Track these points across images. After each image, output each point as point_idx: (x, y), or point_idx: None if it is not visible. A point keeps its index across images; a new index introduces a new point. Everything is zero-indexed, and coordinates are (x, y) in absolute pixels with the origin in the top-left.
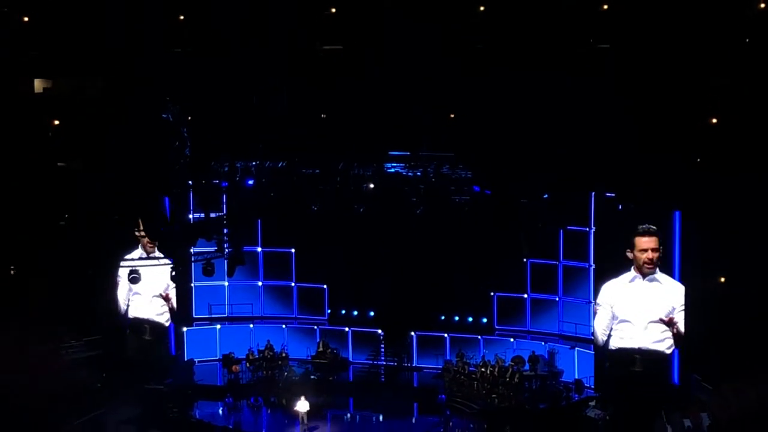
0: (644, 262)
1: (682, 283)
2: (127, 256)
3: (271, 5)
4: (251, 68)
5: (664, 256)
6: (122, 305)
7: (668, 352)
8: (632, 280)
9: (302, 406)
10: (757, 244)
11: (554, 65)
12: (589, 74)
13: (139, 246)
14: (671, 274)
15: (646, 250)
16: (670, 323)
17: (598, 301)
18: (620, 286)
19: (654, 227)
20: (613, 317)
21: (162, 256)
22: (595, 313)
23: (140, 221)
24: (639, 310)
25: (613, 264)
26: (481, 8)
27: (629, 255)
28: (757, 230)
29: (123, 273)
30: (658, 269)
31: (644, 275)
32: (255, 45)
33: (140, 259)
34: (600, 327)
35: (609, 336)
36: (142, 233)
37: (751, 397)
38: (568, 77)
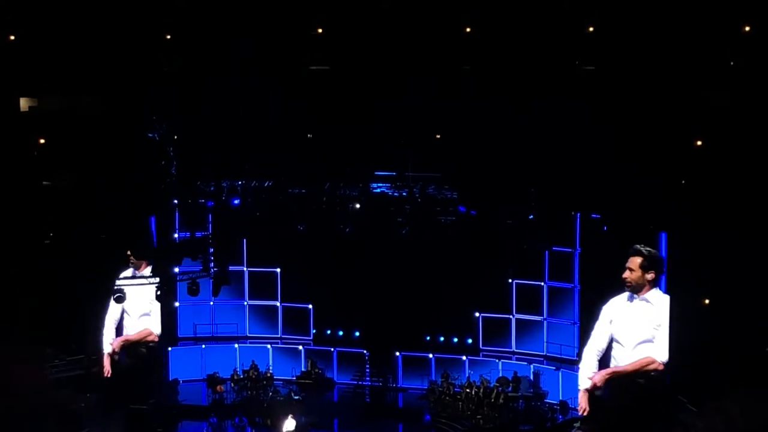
0: (622, 278)
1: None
2: (120, 275)
3: (257, 24)
4: (240, 86)
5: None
6: (108, 326)
7: (653, 374)
8: (629, 299)
9: (289, 424)
10: (744, 263)
11: (540, 87)
12: (575, 95)
13: (130, 265)
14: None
15: (626, 269)
16: None
17: (600, 317)
18: (620, 303)
19: (638, 247)
20: (609, 335)
21: (149, 275)
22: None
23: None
24: (628, 330)
25: (599, 285)
26: (468, 30)
27: None
28: (743, 249)
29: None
30: (654, 288)
31: (630, 293)
32: (244, 61)
33: (126, 278)
34: (587, 362)
35: (600, 359)
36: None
37: (736, 419)
38: (554, 98)
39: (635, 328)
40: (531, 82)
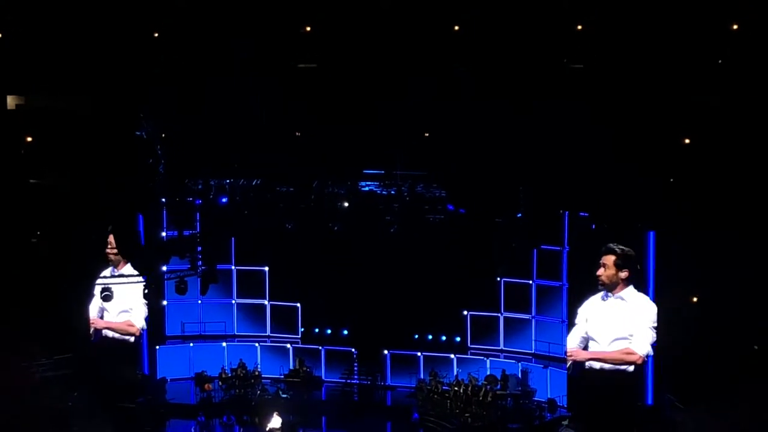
0: (596, 276)
1: (656, 301)
2: (101, 274)
3: (248, 21)
4: (228, 84)
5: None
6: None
7: (631, 370)
8: (603, 298)
9: (275, 422)
10: (732, 262)
11: (531, 85)
12: (566, 94)
13: (109, 263)
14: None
15: (599, 266)
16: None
17: (577, 317)
18: (595, 302)
19: (611, 245)
20: (585, 334)
21: (132, 272)
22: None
23: (109, 238)
24: (603, 329)
25: (587, 283)
26: (456, 28)
27: None
28: (732, 248)
29: (96, 291)
30: (628, 287)
31: (605, 292)
32: (233, 60)
33: (112, 276)
34: (571, 343)
35: None
36: (111, 249)
37: (725, 418)
38: (544, 97)
39: (610, 326)
40: (522, 80)
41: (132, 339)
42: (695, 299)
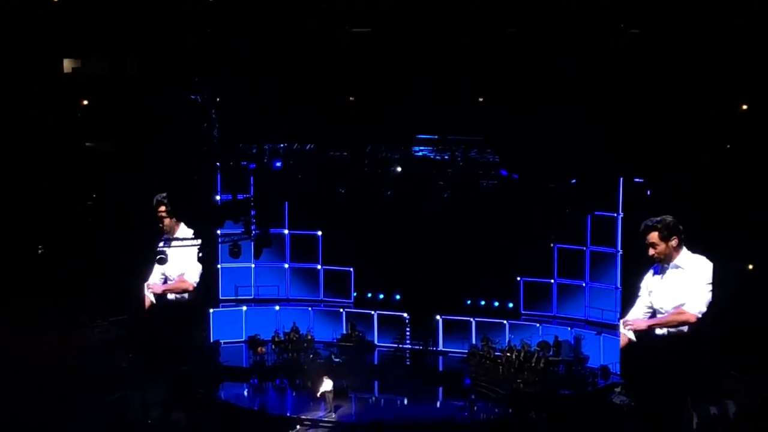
0: (650, 256)
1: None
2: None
3: None
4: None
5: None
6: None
7: (685, 330)
8: (662, 269)
9: (327, 386)
10: None
11: (582, 49)
12: (616, 59)
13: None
14: None
15: (647, 246)
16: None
17: (640, 290)
18: (655, 275)
19: (649, 223)
20: (650, 305)
21: (187, 235)
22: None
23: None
24: (666, 298)
25: (642, 250)
26: None
27: None
28: None
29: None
30: (682, 251)
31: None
32: (285, 26)
33: (166, 240)
34: (633, 315)
35: None
36: (162, 213)
37: None
38: (594, 62)
39: (671, 295)
40: (573, 47)
41: (186, 296)
42: (751, 267)
